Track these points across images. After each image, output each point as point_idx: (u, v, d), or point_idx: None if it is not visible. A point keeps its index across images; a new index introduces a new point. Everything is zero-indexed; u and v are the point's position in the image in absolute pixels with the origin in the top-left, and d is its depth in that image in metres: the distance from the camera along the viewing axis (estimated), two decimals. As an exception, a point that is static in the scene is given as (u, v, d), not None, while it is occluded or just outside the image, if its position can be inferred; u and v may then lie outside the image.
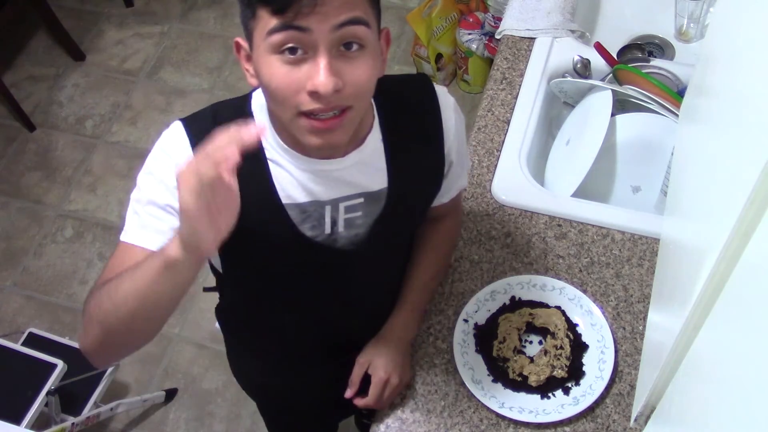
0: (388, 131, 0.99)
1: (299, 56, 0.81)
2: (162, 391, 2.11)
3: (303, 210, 0.96)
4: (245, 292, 1.11)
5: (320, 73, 0.80)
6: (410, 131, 1.01)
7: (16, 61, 2.96)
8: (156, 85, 2.85)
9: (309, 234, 0.97)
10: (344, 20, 0.80)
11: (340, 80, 0.81)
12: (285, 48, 0.80)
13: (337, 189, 0.97)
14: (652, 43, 1.62)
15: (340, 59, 0.82)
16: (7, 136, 2.74)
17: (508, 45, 1.55)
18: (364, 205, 0.99)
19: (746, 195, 0.52)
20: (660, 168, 1.30)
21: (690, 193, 0.89)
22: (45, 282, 2.39)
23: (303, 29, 0.79)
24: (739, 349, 0.52)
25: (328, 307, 1.11)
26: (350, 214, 0.99)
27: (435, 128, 1.03)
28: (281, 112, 0.86)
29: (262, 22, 0.81)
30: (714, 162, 0.75)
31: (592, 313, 1.17)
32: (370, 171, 0.98)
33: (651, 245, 1.26)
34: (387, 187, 1.00)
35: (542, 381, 1.11)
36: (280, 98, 0.83)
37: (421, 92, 1.04)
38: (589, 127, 1.33)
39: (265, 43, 0.81)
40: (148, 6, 3.11)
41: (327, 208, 0.97)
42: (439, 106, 1.03)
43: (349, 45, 0.82)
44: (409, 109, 1.02)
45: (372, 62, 0.85)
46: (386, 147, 0.99)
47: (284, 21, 0.79)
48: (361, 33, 0.82)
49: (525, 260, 1.26)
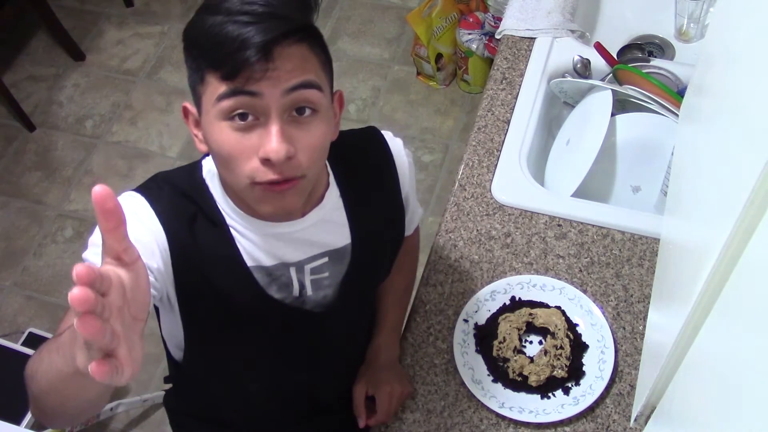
0: (344, 186, 0.97)
1: (250, 122, 0.78)
2: (162, 391, 2.10)
3: (269, 273, 0.94)
4: (211, 362, 1.05)
5: (272, 139, 0.77)
6: (366, 183, 1.00)
7: (16, 61, 2.96)
8: (156, 85, 2.85)
9: (277, 297, 0.95)
10: (296, 84, 0.77)
11: (292, 146, 0.79)
12: (235, 114, 0.78)
13: (300, 250, 0.95)
14: (652, 43, 1.62)
15: (292, 125, 0.79)
16: (7, 136, 2.74)
17: (508, 45, 1.55)
18: (329, 264, 0.97)
19: (746, 195, 0.52)
20: (660, 168, 1.30)
21: (690, 193, 0.89)
22: (45, 282, 2.39)
23: (254, 94, 0.76)
24: (739, 349, 0.52)
25: (297, 370, 1.08)
26: (316, 275, 0.97)
27: (390, 175, 1.03)
28: (233, 180, 0.83)
29: (211, 87, 0.78)
30: (714, 162, 0.75)
31: (592, 313, 1.17)
32: (332, 228, 0.97)
33: (651, 245, 1.26)
34: (350, 243, 0.98)
35: (542, 381, 1.11)
36: (231, 166, 0.80)
37: (372, 143, 1.03)
38: (589, 127, 1.33)
39: (215, 109, 0.78)
40: (148, 6, 3.11)
41: (292, 270, 0.95)
42: (390, 153, 1.02)
43: (301, 110, 0.79)
44: (362, 162, 1.01)
45: (325, 127, 0.82)
46: (345, 202, 0.97)
47: (234, 86, 0.76)
48: (314, 97, 0.80)
49: (525, 260, 1.26)
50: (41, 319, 2.30)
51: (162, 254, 0.87)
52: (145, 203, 0.88)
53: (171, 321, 0.96)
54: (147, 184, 0.91)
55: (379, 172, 1.02)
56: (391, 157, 1.03)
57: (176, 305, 0.92)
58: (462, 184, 1.36)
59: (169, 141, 2.68)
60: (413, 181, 1.08)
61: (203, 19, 0.77)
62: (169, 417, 1.27)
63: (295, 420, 1.19)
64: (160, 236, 0.87)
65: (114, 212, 0.55)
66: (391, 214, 1.05)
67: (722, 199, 0.63)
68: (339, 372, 1.15)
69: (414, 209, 1.13)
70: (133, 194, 0.90)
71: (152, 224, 0.87)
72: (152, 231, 0.86)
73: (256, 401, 1.13)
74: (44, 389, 0.75)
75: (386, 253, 1.08)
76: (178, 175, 0.94)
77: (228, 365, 1.06)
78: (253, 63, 0.74)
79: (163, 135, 2.70)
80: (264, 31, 0.74)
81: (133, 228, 0.82)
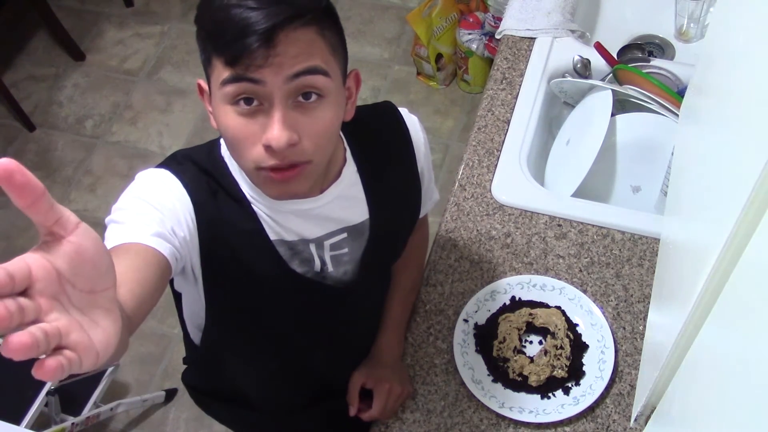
0: (361, 162, 0.97)
1: (254, 107, 0.77)
2: (162, 391, 2.10)
3: (291, 247, 0.94)
4: (232, 340, 1.06)
5: (273, 126, 0.77)
6: (383, 158, 1.00)
7: (16, 61, 2.96)
8: (156, 85, 2.85)
9: (299, 270, 0.95)
10: (299, 70, 0.76)
11: (296, 133, 0.78)
12: (240, 98, 0.77)
13: (319, 227, 0.95)
14: (652, 43, 1.62)
15: (297, 110, 0.78)
16: (7, 136, 2.74)
17: (508, 45, 1.55)
18: (348, 240, 0.97)
19: (746, 195, 0.52)
20: (660, 168, 1.30)
21: (690, 193, 0.89)
22: (45, 282, 2.38)
23: (256, 81, 0.75)
24: (739, 349, 0.52)
25: (316, 348, 1.09)
26: (336, 251, 0.97)
27: (407, 150, 1.02)
28: (240, 163, 0.84)
29: (217, 71, 0.78)
30: (714, 162, 0.75)
31: (592, 313, 1.17)
32: (350, 204, 0.96)
33: (651, 245, 1.26)
34: (368, 218, 0.98)
35: (542, 381, 1.11)
36: (238, 149, 0.81)
37: (388, 118, 1.02)
38: (589, 127, 1.33)
39: (220, 92, 0.78)
40: (148, 6, 3.11)
41: (312, 246, 0.95)
42: (407, 127, 1.02)
43: (307, 95, 0.78)
44: (378, 137, 1.00)
45: (332, 112, 0.81)
46: (362, 177, 0.97)
47: (236, 73, 0.75)
48: (319, 82, 0.78)
49: (525, 260, 1.26)
50: (41, 319, 2.30)
51: (189, 224, 0.86)
52: (170, 175, 0.88)
53: (193, 298, 0.96)
54: (168, 161, 0.91)
55: (396, 147, 1.02)
56: (407, 132, 1.02)
57: (200, 278, 0.92)
58: (462, 184, 1.36)
59: (169, 141, 2.68)
60: (429, 158, 1.07)
61: (211, 1, 0.77)
62: (189, 393, 1.28)
63: (312, 400, 1.20)
64: (188, 206, 0.86)
65: (25, 186, 0.47)
66: (407, 189, 1.05)
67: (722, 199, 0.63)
68: (354, 352, 1.15)
69: (429, 187, 1.11)
70: (156, 170, 0.90)
71: (180, 194, 0.86)
72: (180, 200, 0.86)
73: (274, 380, 1.14)
74: None
75: (404, 229, 1.07)
76: (197, 152, 0.94)
77: (248, 342, 1.06)
78: (254, 50, 0.73)
79: (163, 135, 2.70)
80: (268, 16, 0.73)
81: (162, 196, 0.83)
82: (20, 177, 0.46)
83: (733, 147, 0.65)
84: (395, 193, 1.02)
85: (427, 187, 1.09)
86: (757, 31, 0.65)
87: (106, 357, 0.50)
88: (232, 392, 1.20)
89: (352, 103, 0.89)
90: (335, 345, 1.10)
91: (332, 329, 1.07)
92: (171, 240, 0.83)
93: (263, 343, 1.06)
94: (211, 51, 0.77)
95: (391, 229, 1.02)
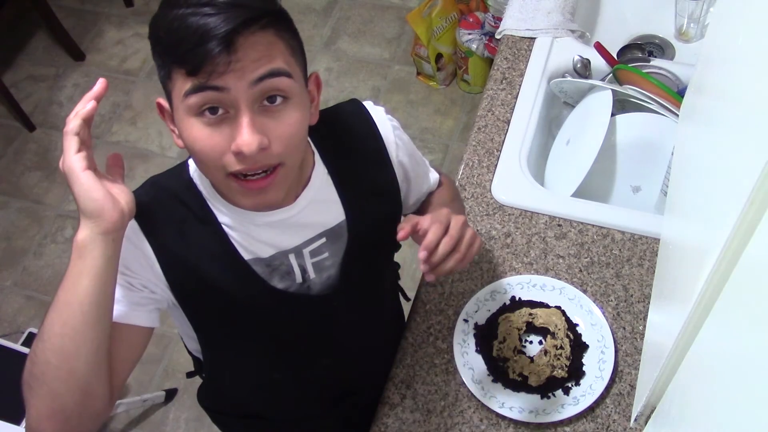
0: (331, 162, 0.96)
1: (220, 116, 0.77)
2: (162, 391, 2.11)
3: (268, 264, 0.93)
4: (230, 359, 1.06)
5: (243, 132, 0.76)
6: (352, 155, 0.98)
7: (16, 61, 2.96)
8: (156, 85, 2.83)
9: (280, 286, 0.94)
10: (263, 74, 0.76)
11: (266, 137, 0.77)
12: (204, 108, 0.76)
13: (297, 235, 0.93)
14: (652, 43, 1.62)
15: (264, 114, 0.78)
16: (7, 136, 2.75)
17: (508, 45, 1.55)
18: (327, 244, 0.96)
19: (746, 195, 0.52)
20: (660, 168, 1.30)
21: (690, 193, 0.89)
22: (45, 282, 2.39)
23: (220, 89, 0.75)
24: (739, 349, 0.52)
25: (317, 356, 1.08)
26: (317, 258, 0.96)
27: (376, 145, 1.00)
28: (210, 175, 0.83)
29: (178, 83, 0.77)
30: (714, 162, 0.75)
31: (592, 313, 1.17)
32: (325, 207, 0.95)
33: (651, 245, 1.26)
34: (345, 219, 0.96)
35: (542, 381, 1.11)
36: (206, 161, 0.80)
37: (353, 114, 1.00)
38: (589, 127, 1.33)
39: (183, 105, 0.77)
40: (148, 6, 3.11)
41: (291, 256, 0.94)
42: (374, 122, 1.00)
43: (272, 98, 0.78)
44: (345, 135, 0.98)
45: (299, 113, 0.81)
46: (333, 178, 0.95)
47: (199, 82, 0.74)
48: (283, 85, 0.78)
49: (525, 260, 1.26)
50: (41, 319, 2.29)
51: (155, 270, 0.87)
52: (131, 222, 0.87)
53: (184, 323, 0.97)
54: (136, 192, 0.90)
55: (364, 142, 0.99)
56: (374, 126, 1.00)
57: (182, 310, 0.92)
58: (462, 184, 1.36)
59: (168, 141, 2.68)
60: (406, 146, 1.03)
61: (166, 13, 0.76)
62: (209, 414, 1.27)
63: (324, 405, 1.19)
64: (148, 252, 0.87)
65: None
66: (383, 183, 1.01)
67: (722, 199, 0.63)
68: (360, 352, 1.14)
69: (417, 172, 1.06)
70: None
71: (139, 242, 0.87)
72: (141, 249, 0.87)
73: (282, 390, 1.13)
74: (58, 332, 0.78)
75: (385, 224, 1.02)
76: (167, 177, 0.93)
77: (246, 359, 1.06)
78: (215, 56, 0.73)
79: (162, 135, 2.70)
80: (225, 21, 0.73)
81: (125, 252, 0.83)
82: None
83: (733, 147, 0.65)
84: (370, 190, 0.99)
85: (414, 173, 1.05)
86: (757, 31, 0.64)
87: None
88: (245, 408, 1.20)
89: (315, 106, 0.88)
90: (335, 350, 1.09)
91: (327, 335, 1.05)
92: (145, 298, 0.87)
93: (261, 359, 1.06)
94: (171, 63, 0.76)
95: (370, 227, 1.00)
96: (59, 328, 0.78)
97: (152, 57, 0.80)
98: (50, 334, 0.78)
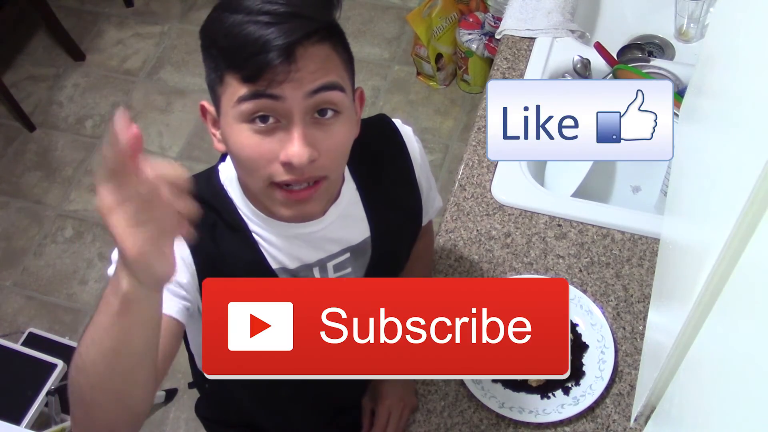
0: (360, 178, 0.96)
1: (271, 125, 0.76)
2: (162, 391, 2.11)
3: (294, 275, 0.93)
4: None
5: (294, 143, 0.76)
6: (381, 172, 0.98)
7: (16, 61, 2.96)
8: (156, 85, 2.85)
9: None
10: (319, 86, 0.76)
11: (315, 150, 0.77)
12: (256, 116, 0.76)
13: (322, 249, 0.93)
14: (652, 43, 1.62)
15: (315, 127, 0.78)
16: (7, 136, 2.74)
17: (508, 45, 1.55)
18: (351, 260, 0.96)
19: (746, 195, 0.52)
20: (660, 168, 1.30)
21: (690, 193, 0.89)
22: (45, 282, 2.39)
23: (276, 97, 0.74)
24: (739, 349, 0.52)
25: None
26: (340, 272, 0.96)
27: (404, 162, 1.01)
28: (252, 182, 0.82)
29: (231, 88, 0.76)
30: (714, 162, 0.75)
31: (592, 313, 1.17)
32: (351, 223, 0.95)
33: (651, 245, 1.26)
34: (370, 236, 0.97)
35: (542, 381, 1.11)
36: (251, 168, 0.79)
37: (383, 131, 1.01)
38: (589, 127, 1.33)
39: (234, 110, 0.76)
40: (148, 6, 3.11)
41: (315, 270, 0.94)
42: (402, 139, 1.00)
43: (323, 111, 0.78)
44: (375, 151, 0.99)
45: (347, 127, 0.81)
46: (362, 195, 0.96)
47: (256, 89, 0.74)
48: (337, 98, 0.78)
49: (525, 260, 1.26)
50: (41, 319, 2.30)
51: (188, 267, 0.86)
52: None
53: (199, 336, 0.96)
54: None
55: (393, 161, 1.01)
56: (404, 144, 1.01)
57: None
58: (462, 184, 1.36)
59: (169, 141, 2.68)
60: (426, 167, 1.06)
61: (222, 18, 0.75)
62: (203, 424, 1.27)
63: (328, 416, 1.19)
64: (183, 250, 0.86)
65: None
66: (407, 202, 1.03)
67: (722, 199, 0.63)
68: None
69: (429, 195, 1.09)
70: None
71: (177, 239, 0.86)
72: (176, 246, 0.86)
73: (285, 405, 1.13)
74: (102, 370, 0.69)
75: (406, 242, 1.06)
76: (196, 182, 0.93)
77: None
78: (275, 66, 0.73)
79: (163, 135, 2.70)
80: (286, 33, 0.72)
81: None
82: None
83: (733, 147, 0.65)
84: (395, 207, 1.00)
85: (426, 195, 1.08)
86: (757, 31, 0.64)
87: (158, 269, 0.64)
88: (246, 421, 1.19)
89: (357, 121, 0.88)
90: None
91: None
92: (178, 293, 0.84)
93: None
94: (226, 68, 0.76)
95: (393, 244, 1.01)
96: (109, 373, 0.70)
97: (203, 59, 0.79)
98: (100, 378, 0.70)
